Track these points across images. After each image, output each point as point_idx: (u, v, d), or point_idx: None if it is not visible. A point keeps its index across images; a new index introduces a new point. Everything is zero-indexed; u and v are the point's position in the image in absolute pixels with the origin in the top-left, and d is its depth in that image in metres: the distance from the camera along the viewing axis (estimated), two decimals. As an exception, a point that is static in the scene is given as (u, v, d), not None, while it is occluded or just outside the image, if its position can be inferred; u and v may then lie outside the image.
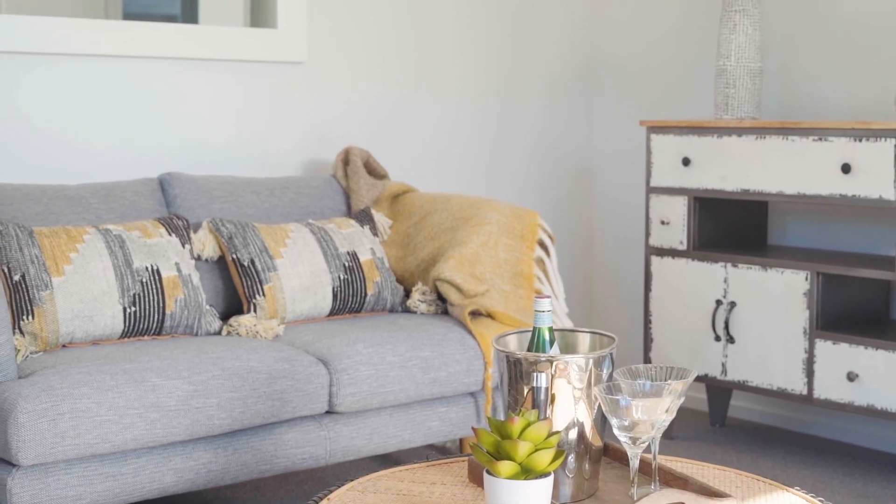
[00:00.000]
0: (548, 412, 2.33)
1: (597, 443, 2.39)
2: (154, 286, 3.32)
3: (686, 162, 4.10)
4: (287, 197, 3.94)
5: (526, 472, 2.15)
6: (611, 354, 2.40)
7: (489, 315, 3.70)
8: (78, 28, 3.79)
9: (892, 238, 3.97)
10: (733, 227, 4.25)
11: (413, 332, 3.51)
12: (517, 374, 2.35)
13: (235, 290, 3.65)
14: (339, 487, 2.41)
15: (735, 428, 4.42)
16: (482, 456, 2.19)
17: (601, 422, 2.39)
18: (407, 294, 3.92)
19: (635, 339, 4.74)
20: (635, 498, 2.30)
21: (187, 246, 3.50)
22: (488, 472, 2.16)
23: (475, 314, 3.70)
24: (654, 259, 4.23)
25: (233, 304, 3.66)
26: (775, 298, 3.89)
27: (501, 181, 4.81)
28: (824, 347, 3.77)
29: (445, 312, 3.80)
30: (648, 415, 2.23)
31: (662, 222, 4.19)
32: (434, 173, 4.61)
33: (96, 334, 3.24)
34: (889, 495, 3.69)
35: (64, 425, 2.81)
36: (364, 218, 3.95)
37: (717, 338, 4.05)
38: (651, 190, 4.23)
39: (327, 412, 3.33)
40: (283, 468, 3.24)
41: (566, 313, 3.93)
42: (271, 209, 3.88)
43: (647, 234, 4.25)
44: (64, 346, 3.21)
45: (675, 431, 4.28)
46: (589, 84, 5.05)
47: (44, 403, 2.79)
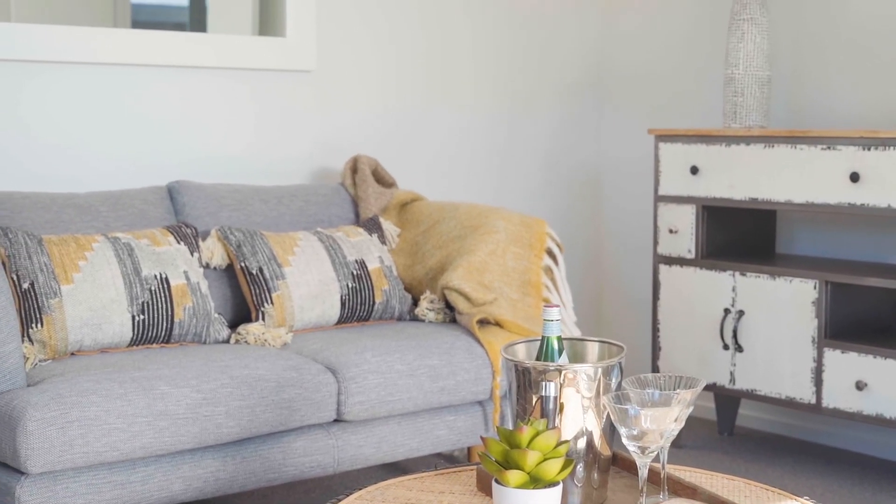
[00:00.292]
0: (556, 421, 2.33)
1: (605, 452, 2.39)
2: (163, 294, 3.33)
3: (694, 170, 4.10)
4: (295, 205, 3.94)
5: (535, 482, 2.15)
6: (619, 363, 2.39)
7: (497, 323, 3.70)
8: (87, 36, 3.80)
9: (901, 247, 3.97)
10: (741, 236, 4.24)
11: (421, 341, 3.51)
12: (526, 383, 2.35)
13: (244, 299, 3.65)
14: (348, 496, 2.41)
15: (743, 437, 4.41)
16: (491, 465, 2.19)
17: (610, 431, 2.39)
18: (415, 302, 3.92)
19: (643, 348, 4.74)
20: (644, 507, 2.30)
21: (196, 254, 3.51)
22: (497, 482, 2.16)
23: (483, 322, 3.70)
24: (663, 267, 4.23)
25: (241, 313, 3.67)
26: (784, 307, 3.88)
27: (510, 190, 4.81)
28: (833, 356, 3.76)
29: (453, 321, 3.80)
30: (657, 424, 2.23)
31: (671, 231, 4.19)
32: (443, 182, 4.61)
33: (105, 342, 3.24)
34: (898, 505, 3.69)
35: (72, 433, 2.81)
36: (372, 226, 3.96)
37: (726, 346, 4.05)
38: (659, 198, 4.23)
39: (335, 420, 3.33)
40: (291, 476, 3.24)
41: (574, 322, 3.93)
42: (279, 217, 3.88)
43: (656, 243, 4.24)
44: (72, 354, 3.22)
45: (684, 440, 4.27)
46: (597, 93, 5.05)
47: (53, 411, 2.80)
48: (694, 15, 4.69)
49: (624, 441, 2.26)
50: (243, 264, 3.59)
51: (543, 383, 2.32)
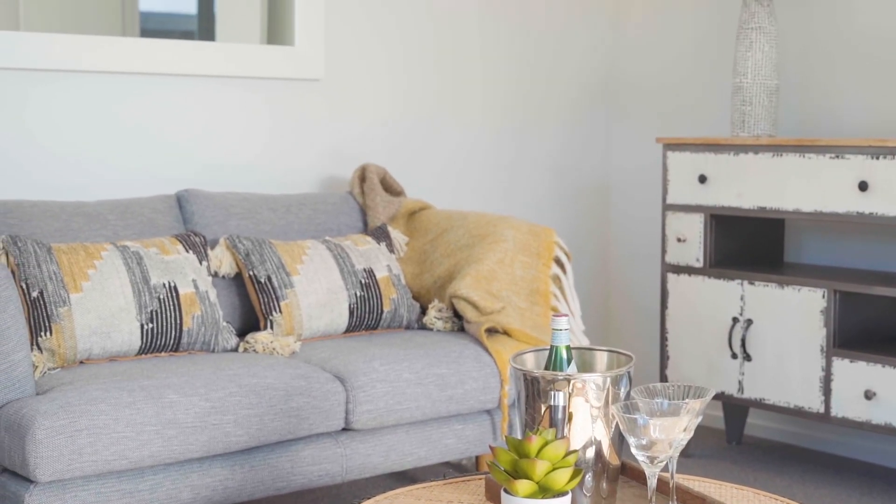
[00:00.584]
0: (565, 431, 2.33)
1: (614, 461, 2.39)
2: (171, 303, 3.33)
3: (702, 179, 4.10)
4: (304, 214, 3.95)
5: (543, 491, 2.15)
6: (628, 373, 2.39)
7: (505, 332, 3.70)
8: (96, 45, 3.81)
9: (910, 256, 3.97)
10: (750, 245, 4.24)
11: (429, 350, 3.51)
12: (535, 393, 2.35)
13: (252, 307, 3.66)
14: (356, 505, 2.41)
15: (752, 446, 4.41)
16: (500, 474, 2.19)
17: (619, 440, 2.39)
18: (423, 311, 3.92)
19: (651, 357, 4.74)
20: (653, 517, 2.30)
21: (204, 263, 3.51)
22: (506, 491, 2.16)
23: (491, 331, 3.70)
24: (671, 276, 4.23)
25: (249, 321, 3.67)
26: (792, 316, 3.88)
27: (518, 198, 4.81)
28: (841, 365, 3.76)
29: (462, 329, 3.80)
30: (666, 434, 2.23)
31: (679, 240, 4.19)
32: (451, 190, 4.62)
33: (113, 351, 3.25)
34: (907, 514, 3.68)
35: (81, 442, 2.81)
36: (380, 235, 3.96)
37: (734, 355, 4.04)
38: (667, 207, 4.23)
39: (344, 429, 3.33)
40: (300, 485, 3.24)
41: (582, 330, 3.93)
42: (288, 226, 3.89)
43: (664, 252, 4.24)
44: (81, 363, 3.22)
45: (692, 449, 4.27)
46: (606, 102, 5.05)
47: (61, 420, 2.80)
48: (701, 24, 4.70)
49: (633, 451, 2.26)
50: (252, 273, 3.59)
51: (552, 393, 2.32)
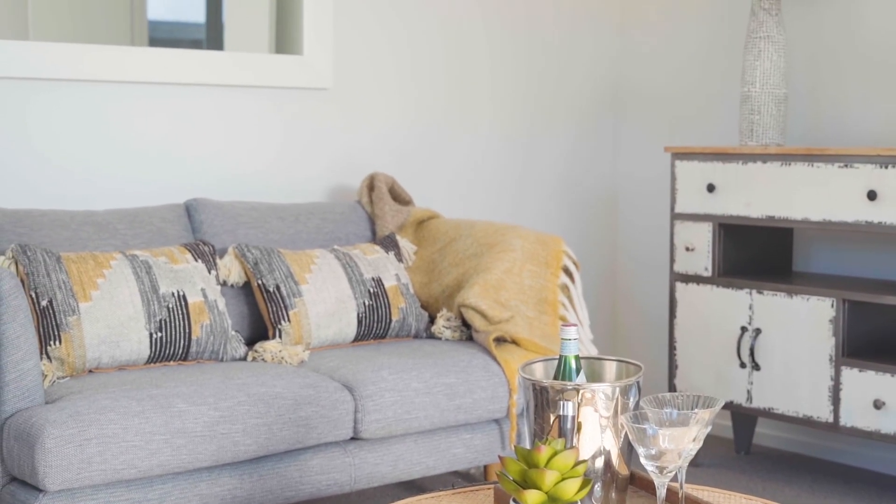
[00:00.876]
0: (574, 441, 2.32)
1: (623, 471, 2.39)
2: (180, 312, 3.33)
3: (711, 188, 4.10)
4: (312, 223, 3.95)
5: (553, 501, 2.15)
6: (637, 383, 2.39)
7: (514, 341, 3.70)
8: (106, 55, 3.82)
9: (919, 265, 3.96)
10: (758, 254, 4.24)
11: (438, 359, 3.51)
12: (544, 403, 2.35)
13: (261, 316, 3.66)
14: (365, 515, 2.41)
15: (760, 455, 4.40)
16: (509, 484, 2.18)
17: (628, 450, 2.39)
18: (431, 320, 3.92)
19: (660, 366, 4.73)
20: (662, 527, 2.30)
21: (213, 272, 3.52)
22: (515, 501, 2.16)
23: (500, 340, 3.70)
24: (679, 285, 4.22)
25: (258, 330, 3.67)
26: (801, 325, 3.87)
27: (526, 207, 4.82)
28: (850, 375, 3.75)
29: (470, 339, 3.80)
30: (675, 444, 2.22)
31: (687, 249, 4.18)
32: (459, 199, 4.62)
33: (122, 360, 3.25)
34: (916, 524, 3.67)
35: (90, 451, 2.82)
36: (389, 244, 3.96)
37: (743, 365, 4.04)
38: (676, 216, 4.22)
39: (352, 438, 3.33)
40: (308, 495, 3.24)
41: (591, 340, 3.93)
42: (297, 235, 3.89)
43: (672, 261, 4.24)
44: (90, 372, 3.23)
45: (701, 458, 4.26)
46: (614, 111, 5.05)
47: (71, 429, 2.80)
48: (710, 33, 4.70)
49: (642, 461, 2.26)
50: (260, 282, 3.60)
51: (561, 402, 2.32)
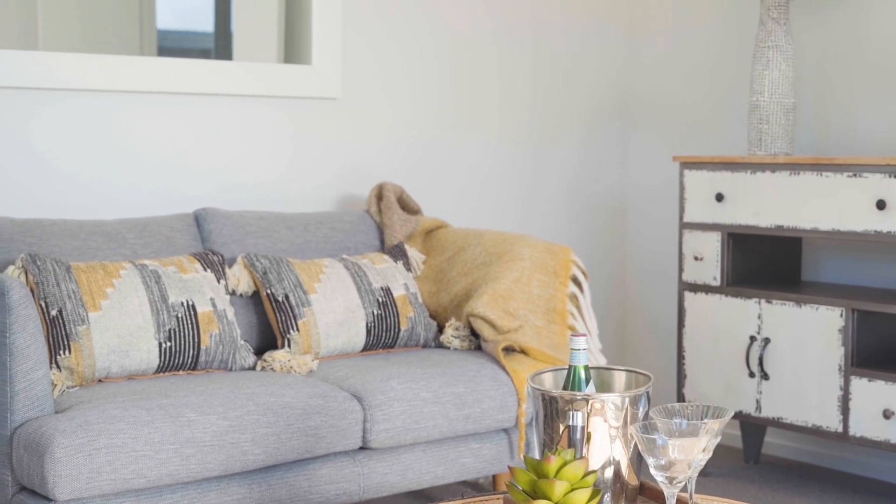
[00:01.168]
0: (584, 451, 2.32)
1: (633, 482, 2.39)
2: (189, 321, 3.34)
3: (719, 198, 4.10)
4: (321, 232, 3.95)
5: (562, 512, 2.14)
6: (647, 393, 2.39)
7: (522, 351, 3.70)
8: (115, 65, 3.82)
9: (928, 274, 3.95)
10: (767, 263, 4.23)
11: (446, 368, 3.51)
12: (553, 413, 2.35)
13: (270, 326, 3.66)
14: (375, 525, 2.41)
15: (769, 465, 4.39)
16: (518, 495, 2.18)
17: (637, 461, 2.38)
18: (440, 329, 3.92)
19: (668, 375, 4.73)
20: (672, 538, 2.29)
21: (222, 281, 3.52)
22: (524, 511, 2.16)
23: (508, 350, 3.70)
24: (688, 295, 4.22)
25: (267, 339, 3.68)
26: (810, 335, 3.87)
27: (535, 217, 4.82)
28: (860, 384, 3.74)
29: (479, 348, 3.80)
30: (685, 454, 2.22)
31: (696, 258, 4.18)
32: (468, 209, 4.62)
33: (132, 369, 3.26)
34: (926, 534, 3.66)
35: (100, 460, 2.82)
36: (398, 253, 3.96)
37: (752, 374, 4.03)
38: (684, 225, 4.22)
39: (361, 448, 3.33)
40: (317, 504, 3.25)
41: (599, 349, 3.93)
42: (305, 244, 3.89)
43: (681, 270, 4.24)
44: (100, 381, 3.23)
45: (710, 468, 4.26)
46: (622, 120, 5.06)
47: (80, 438, 2.81)
48: (718, 42, 4.70)
49: (651, 471, 2.26)
50: (269, 291, 3.60)
51: (571, 413, 2.32)
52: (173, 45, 4.20)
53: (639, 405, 2.36)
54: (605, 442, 2.34)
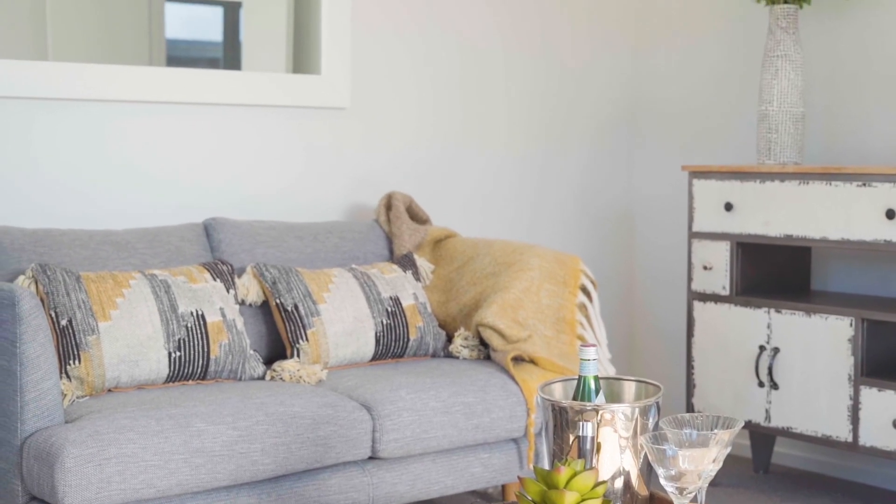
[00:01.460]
0: (594, 461, 2.32)
1: (643, 492, 2.39)
2: (199, 331, 3.34)
3: (728, 207, 4.10)
4: (330, 242, 3.96)
5: (572, 522, 2.14)
6: (657, 403, 2.39)
7: (532, 361, 3.70)
8: (124, 75, 3.83)
9: (938, 284, 3.95)
10: (776, 273, 4.23)
11: (456, 378, 3.51)
12: (563, 423, 2.35)
13: (279, 335, 3.67)
14: (385, 535, 2.41)
15: (779, 475, 4.38)
16: (528, 505, 2.18)
17: (647, 471, 2.38)
18: (449, 339, 3.92)
19: (677, 385, 4.72)
20: (682, 548, 2.29)
21: (231, 291, 3.52)
22: (535, 522, 2.16)
23: (518, 360, 3.70)
24: (697, 304, 4.22)
25: (276, 349, 3.68)
26: (819, 344, 3.86)
27: (543, 226, 4.82)
28: (869, 394, 3.74)
29: (488, 358, 3.80)
30: (695, 465, 2.22)
31: (705, 267, 4.18)
32: (476, 218, 4.62)
33: (141, 379, 3.26)
34: (937, 545, 3.65)
35: (110, 470, 2.82)
36: (407, 263, 3.97)
37: (761, 384, 4.03)
38: (693, 235, 4.22)
39: (370, 458, 3.33)
40: (326, 514, 3.25)
41: (608, 359, 3.92)
42: (314, 254, 3.90)
43: (690, 280, 4.24)
44: (109, 391, 3.23)
45: (719, 478, 4.24)
46: (631, 130, 5.06)
47: (90, 448, 2.81)
48: (726, 51, 4.70)
49: (662, 481, 2.26)
50: (279, 301, 3.60)
51: (581, 423, 2.32)
52: (182, 55, 4.20)
53: (649, 415, 2.36)
54: (615, 452, 2.34)
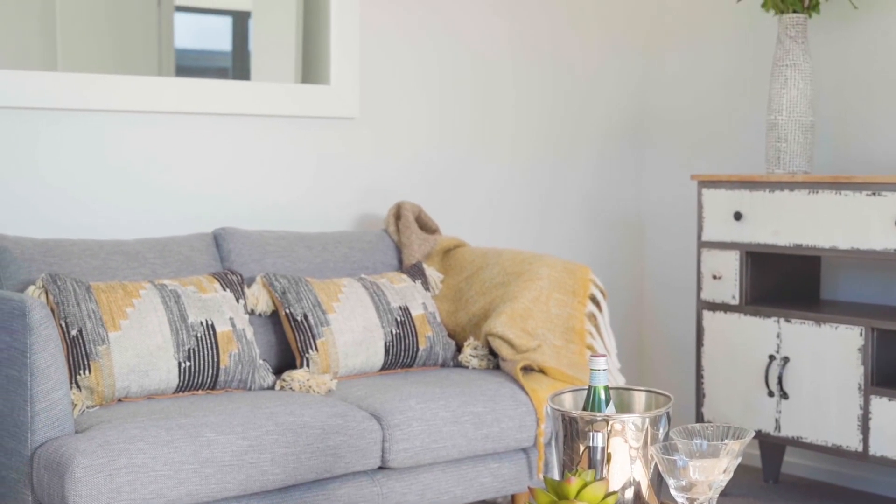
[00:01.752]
0: (604, 472, 2.32)
1: (653, 503, 2.38)
2: (209, 341, 3.34)
3: (738, 216, 4.09)
4: (340, 252, 3.96)
5: (583, 533, 2.14)
6: (667, 413, 2.39)
7: (541, 370, 3.69)
8: (134, 85, 3.84)
9: (948, 293, 3.94)
10: (786, 282, 4.22)
11: (465, 388, 3.51)
12: (573, 433, 2.35)
13: (288, 345, 3.67)
14: (395, 546, 2.41)
15: (789, 484, 4.38)
16: (539, 516, 2.18)
17: (658, 481, 2.38)
18: (458, 349, 3.92)
19: (687, 394, 4.72)
20: (693, 559, 2.29)
21: (241, 301, 3.53)
22: (545, 533, 2.15)
23: (527, 369, 3.70)
24: (706, 314, 4.21)
25: (286, 359, 3.68)
26: (829, 354, 3.86)
27: (552, 235, 4.82)
28: (880, 404, 3.73)
29: (497, 367, 3.80)
30: (706, 475, 2.21)
31: (714, 277, 4.18)
32: (485, 228, 4.62)
33: (151, 389, 3.26)
34: (948, 555, 3.64)
35: (120, 480, 2.82)
36: (416, 272, 3.97)
37: (771, 393, 4.02)
38: (703, 244, 4.22)
39: (380, 468, 3.33)
40: (336, 524, 3.25)
41: (618, 369, 3.92)
42: (324, 264, 3.90)
43: (699, 289, 4.23)
44: (119, 401, 3.24)
45: (729, 488, 4.23)
46: (640, 139, 5.06)
47: (100, 458, 2.81)
48: (735, 60, 4.70)
49: (672, 492, 2.25)
50: (288, 311, 3.61)
51: (591, 433, 2.32)
52: (191, 65, 4.21)
53: (659, 426, 2.36)
54: (626, 463, 2.33)
